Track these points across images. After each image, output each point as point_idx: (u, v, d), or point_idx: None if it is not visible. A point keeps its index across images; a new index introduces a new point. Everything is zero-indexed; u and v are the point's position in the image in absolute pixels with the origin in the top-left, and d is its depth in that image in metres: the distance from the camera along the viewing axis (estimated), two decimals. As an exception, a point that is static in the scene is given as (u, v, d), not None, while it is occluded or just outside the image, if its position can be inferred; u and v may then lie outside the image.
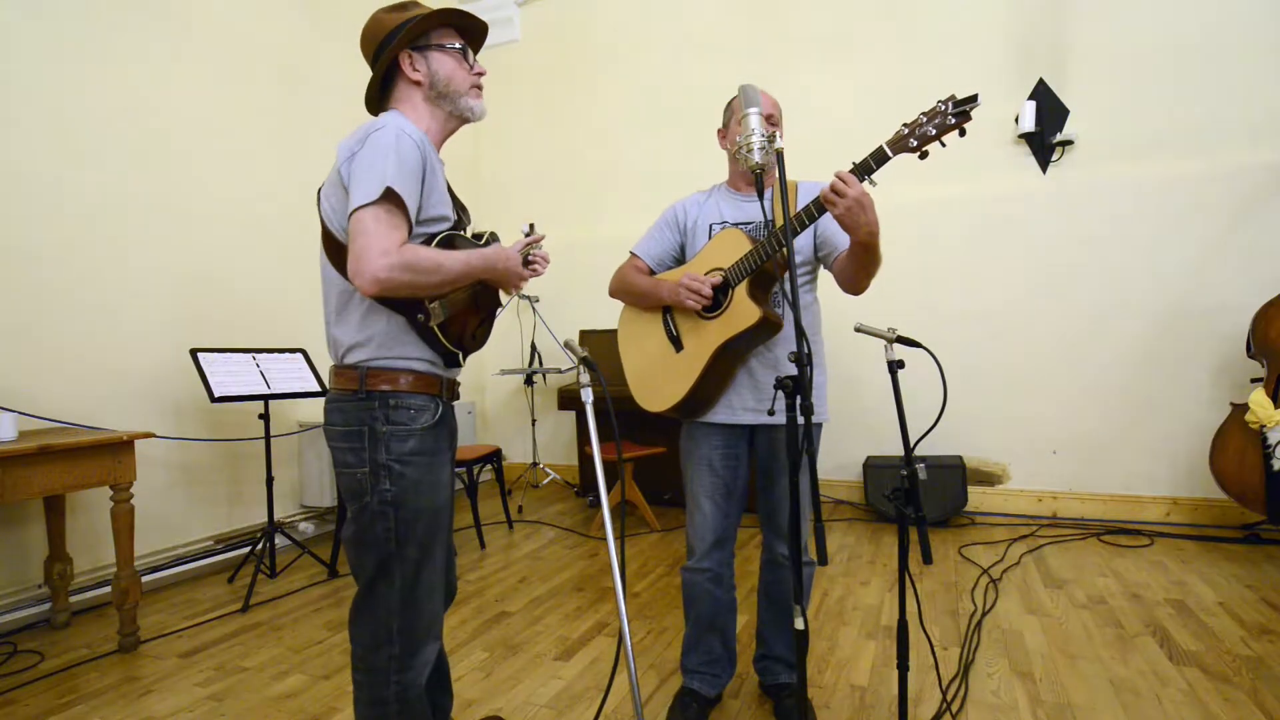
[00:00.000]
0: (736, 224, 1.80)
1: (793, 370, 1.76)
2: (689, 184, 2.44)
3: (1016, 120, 3.64)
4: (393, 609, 1.29)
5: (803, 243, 1.79)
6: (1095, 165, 3.58)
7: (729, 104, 1.87)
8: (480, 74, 1.43)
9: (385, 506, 1.27)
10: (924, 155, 1.46)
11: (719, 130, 1.90)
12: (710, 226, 1.85)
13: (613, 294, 1.97)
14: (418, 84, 1.36)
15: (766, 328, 1.66)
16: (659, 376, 1.82)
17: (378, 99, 1.43)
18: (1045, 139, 3.61)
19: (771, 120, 1.78)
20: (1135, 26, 3.47)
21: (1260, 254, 3.28)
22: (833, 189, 1.45)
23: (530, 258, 1.54)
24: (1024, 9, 3.69)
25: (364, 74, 1.44)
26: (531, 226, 1.66)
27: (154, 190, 3.10)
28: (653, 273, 1.92)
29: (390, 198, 1.18)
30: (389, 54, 1.34)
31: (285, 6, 3.79)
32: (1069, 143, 3.60)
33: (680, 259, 1.93)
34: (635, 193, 4.70)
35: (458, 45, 1.39)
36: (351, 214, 1.19)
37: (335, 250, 1.31)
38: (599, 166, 4.86)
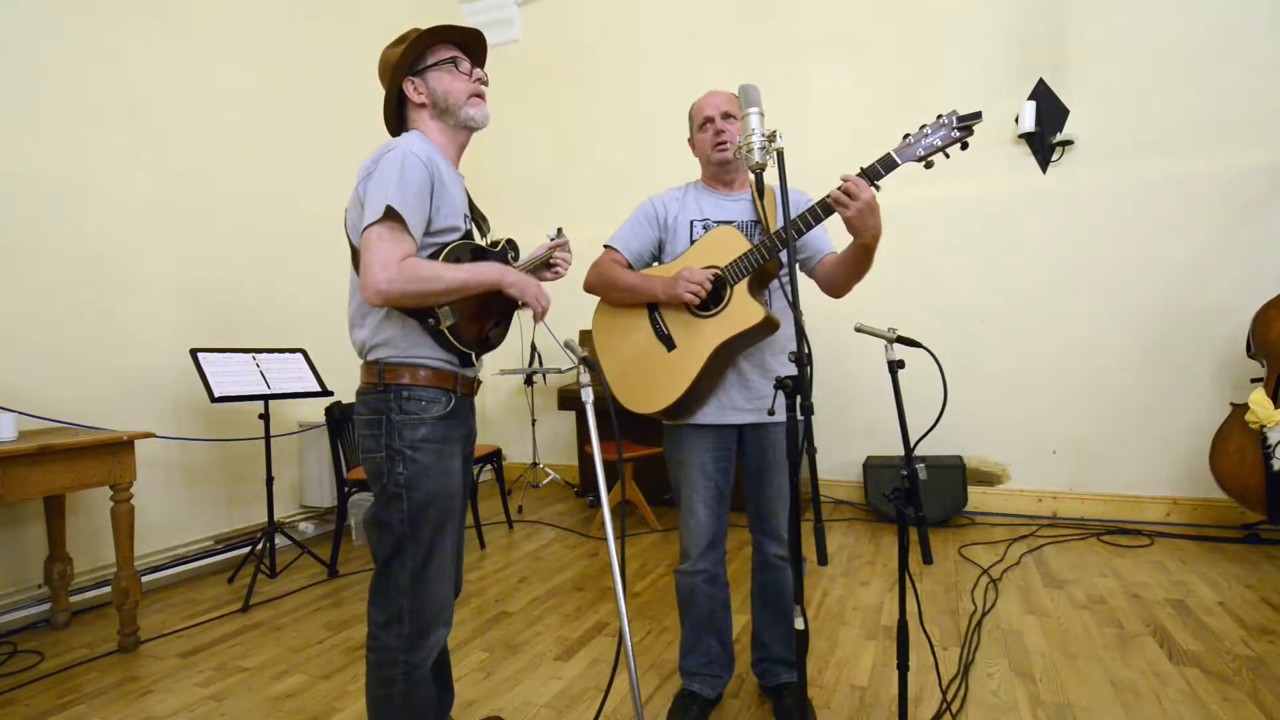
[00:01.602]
0: (723, 223, 1.78)
1: (781, 370, 1.78)
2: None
3: (1016, 120, 3.64)
4: (404, 589, 1.38)
5: None
6: (1095, 165, 3.58)
7: (689, 112, 1.89)
8: (479, 80, 1.50)
9: (399, 489, 1.37)
10: (929, 165, 1.51)
11: (688, 140, 1.92)
12: (691, 223, 1.82)
13: (590, 289, 1.88)
14: (423, 105, 1.46)
15: (767, 327, 1.66)
16: (649, 377, 1.76)
17: (395, 123, 1.52)
18: (1045, 139, 3.61)
19: (727, 116, 1.79)
20: (1135, 26, 3.47)
21: (1260, 254, 3.28)
22: (845, 193, 1.48)
23: (553, 260, 1.59)
24: (1024, 9, 3.69)
25: (366, 75, 1.47)
26: (559, 230, 1.67)
27: (154, 190, 3.11)
28: (630, 267, 1.85)
29: (392, 216, 1.28)
30: (394, 85, 1.46)
31: (288, 7, 3.79)
32: (1069, 143, 3.60)
33: (658, 256, 1.89)
34: (635, 192, 4.64)
35: (449, 56, 1.46)
36: (361, 233, 1.30)
37: (358, 260, 1.40)
38: (599, 166, 4.86)
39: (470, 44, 1.51)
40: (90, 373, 2.84)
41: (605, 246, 1.89)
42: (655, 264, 1.90)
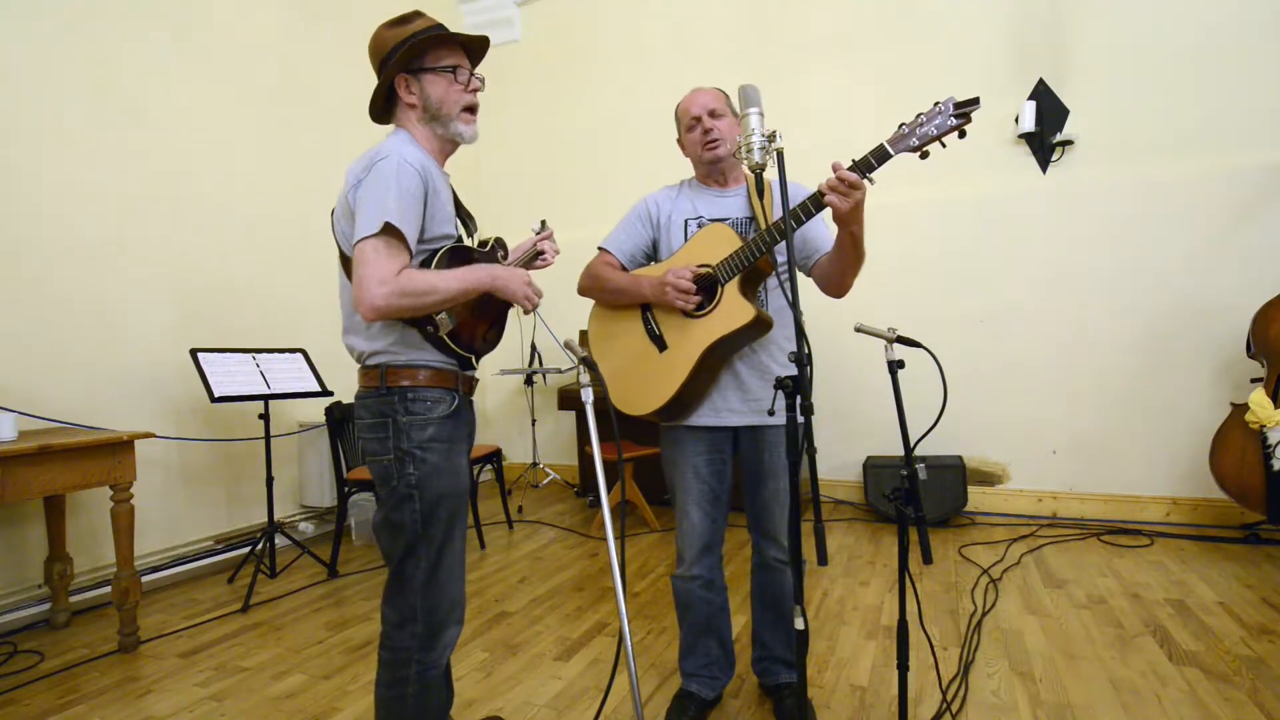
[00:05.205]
0: (717, 220, 1.75)
1: (780, 370, 1.76)
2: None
3: (1016, 120, 3.64)
4: (417, 589, 1.39)
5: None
6: (1095, 165, 3.57)
7: (675, 113, 1.88)
8: (475, 90, 1.45)
9: (410, 490, 1.36)
10: (924, 155, 1.45)
11: (677, 140, 1.91)
12: (686, 222, 1.80)
13: (583, 292, 1.87)
14: (413, 106, 1.42)
15: (758, 327, 1.64)
16: (641, 378, 1.74)
17: (382, 110, 1.48)
18: (1045, 139, 3.61)
19: (715, 114, 1.77)
20: (1135, 26, 3.47)
21: (1260, 254, 3.28)
22: (845, 183, 1.44)
23: (540, 249, 1.61)
24: (1024, 9, 3.68)
25: (363, 77, 1.45)
26: (543, 223, 1.67)
27: (154, 190, 3.10)
28: (624, 269, 1.84)
29: (389, 230, 1.26)
30: (386, 76, 1.40)
31: (286, 9, 3.79)
32: (1069, 143, 3.60)
33: (652, 254, 1.88)
34: (634, 192, 4.66)
35: (449, 65, 1.41)
36: (355, 245, 1.28)
37: (349, 266, 1.38)
38: (599, 166, 4.86)
39: (472, 51, 1.47)
40: (90, 373, 2.84)
41: (599, 249, 1.89)
42: (651, 263, 1.87)
